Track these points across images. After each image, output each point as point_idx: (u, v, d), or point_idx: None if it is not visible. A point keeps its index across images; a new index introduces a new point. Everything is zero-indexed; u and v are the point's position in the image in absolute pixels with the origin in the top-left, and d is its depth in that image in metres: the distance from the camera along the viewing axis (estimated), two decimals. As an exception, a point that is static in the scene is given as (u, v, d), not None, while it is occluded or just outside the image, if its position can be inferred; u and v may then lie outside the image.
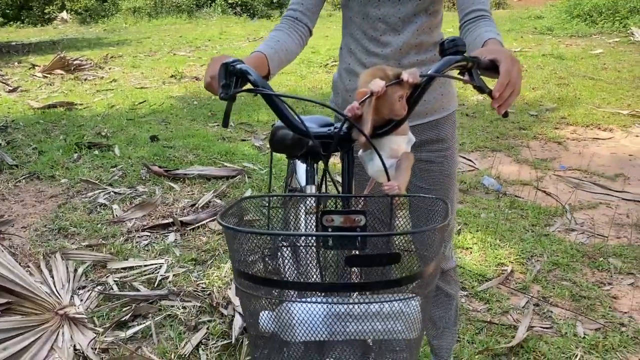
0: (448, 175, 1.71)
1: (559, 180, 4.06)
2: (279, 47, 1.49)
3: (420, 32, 1.56)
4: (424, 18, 1.55)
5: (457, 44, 1.11)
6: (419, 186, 1.73)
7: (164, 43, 12.59)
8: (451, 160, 1.70)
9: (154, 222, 3.39)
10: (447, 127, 1.69)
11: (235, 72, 1.18)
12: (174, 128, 5.47)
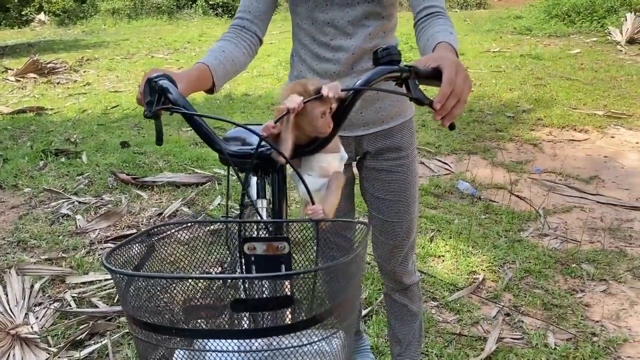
0: (407, 185, 1.64)
1: (533, 183, 4.02)
2: (224, 57, 1.41)
3: (373, 37, 1.48)
4: (376, 22, 1.48)
5: (391, 52, 1.02)
6: (377, 197, 1.66)
7: (142, 45, 12.42)
8: (410, 169, 1.63)
9: (118, 232, 3.28)
10: (404, 134, 1.62)
11: (157, 89, 1.10)
12: (146, 133, 5.35)
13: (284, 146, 1.00)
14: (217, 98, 6.67)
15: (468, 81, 1.05)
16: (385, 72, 1.01)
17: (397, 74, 1.02)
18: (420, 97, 1.03)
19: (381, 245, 1.71)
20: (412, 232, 1.69)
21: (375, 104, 1.55)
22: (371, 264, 2.90)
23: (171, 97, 1.08)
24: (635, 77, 6.90)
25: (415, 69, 1.03)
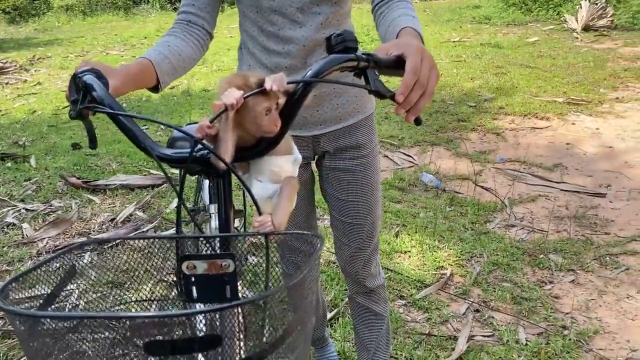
0: (369, 185, 1.53)
1: (497, 173, 3.98)
2: (169, 52, 1.27)
3: (325, 25, 1.35)
4: (327, 8, 1.34)
5: (346, 38, 0.89)
6: (338, 198, 1.55)
7: (97, 42, 12.00)
8: (371, 168, 1.51)
9: (68, 241, 3.09)
10: (364, 132, 1.50)
11: (80, 85, 0.96)
12: (99, 133, 5.11)
13: (222, 149, 0.87)
14: (175, 94, 6.45)
15: (435, 70, 0.95)
16: (339, 61, 0.89)
17: (354, 63, 0.90)
18: (381, 90, 0.92)
19: (343, 248, 1.60)
20: (375, 234, 1.59)
21: (333, 100, 1.43)
22: (336, 264, 2.80)
23: (95, 94, 0.94)
24: (592, 64, 6.97)
25: (374, 58, 0.92)
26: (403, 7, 1.25)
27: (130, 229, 3.15)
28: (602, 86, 5.96)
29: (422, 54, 0.94)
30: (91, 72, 1.00)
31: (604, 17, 9.71)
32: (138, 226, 3.18)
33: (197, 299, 0.90)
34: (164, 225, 3.24)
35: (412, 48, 0.94)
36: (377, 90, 0.91)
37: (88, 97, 0.95)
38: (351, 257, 1.59)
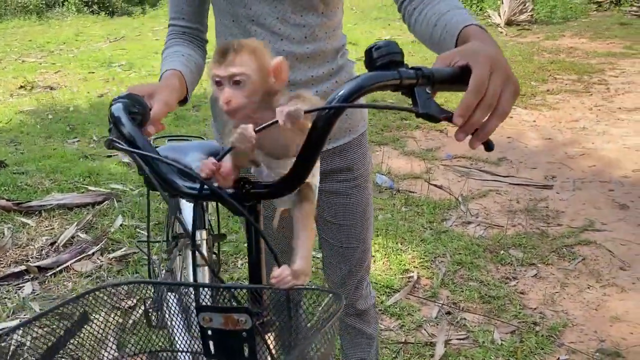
0: (361, 208, 1.42)
1: (447, 170, 4.02)
2: (187, 62, 1.18)
3: (313, 38, 1.21)
4: (313, 19, 1.19)
5: (390, 51, 0.75)
6: (329, 221, 1.44)
7: (10, 49, 11.24)
8: (363, 190, 1.41)
9: (3, 270, 2.81)
10: (355, 152, 1.37)
11: (109, 116, 0.87)
12: (25, 149, 4.74)
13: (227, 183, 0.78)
14: (105, 103, 6.10)
15: (510, 85, 0.77)
16: (379, 80, 0.75)
17: (396, 82, 0.74)
18: (432, 112, 0.76)
19: (334, 270, 1.51)
20: (368, 257, 1.51)
21: None
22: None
23: (124, 130, 0.85)
24: (520, 57, 7.24)
25: (424, 73, 0.76)
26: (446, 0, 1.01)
27: (74, 253, 2.91)
28: (533, 79, 6.18)
29: (493, 63, 0.76)
30: (124, 100, 0.90)
31: (524, 12, 10.13)
32: (83, 249, 2.94)
33: (214, 354, 0.78)
34: (110, 246, 3.02)
35: (479, 56, 0.77)
36: (426, 112, 0.76)
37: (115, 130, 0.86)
38: (342, 280, 1.50)
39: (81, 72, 8.10)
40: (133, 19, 16.51)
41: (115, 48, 10.05)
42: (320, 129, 0.75)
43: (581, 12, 11.46)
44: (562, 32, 9.55)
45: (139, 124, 0.89)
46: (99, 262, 2.88)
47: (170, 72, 1.10)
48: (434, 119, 0.77)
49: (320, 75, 1.25)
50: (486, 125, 0.77)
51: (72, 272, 2.81)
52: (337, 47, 1.29)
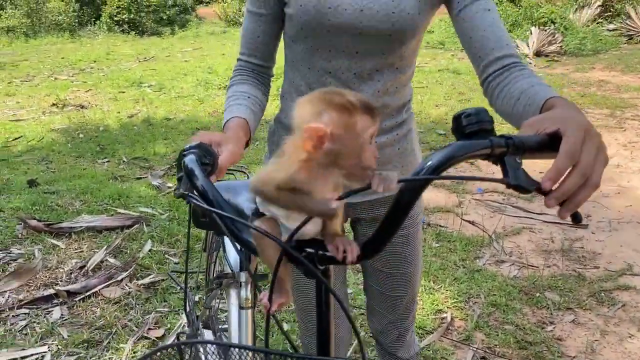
0: (411, 257, 1.37)
1: (478, 204, 3.95)
2: (252, 104, 1.21)
3: (383, 93, 1.19)
4: (388, 75, 1.18)
5: (481, 119, 0.73)
6: (375, 268, 1.40)
7: (43, 66, 11.50)
8: (414, 239, 1.37)
9: (33, 294, 2.81)
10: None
11: (182, 167, 0.87)
12: (56, 168, 4.80)
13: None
14: (135, 123, 6.18)
15: (602, 154, 0.73)
16: (470, 150, 0.72)
17: (487, 151, 0.71)
18: (523, 183, 0.71)
19: (378, 317, 1.47)
20: (414, 306, 1.46)
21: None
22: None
23: (197, 183, 0.84)
24: (550, 90, 7.15)
25: (515, 141, 0.72)
26: (529, 75, 1.02)
27: (103, 278, 2.90)
28: (564, 112, 6.09)
29: (587, 131, 0.73)
30: (196, 151, 0.89)
31: (553, 43, 10.07)
32: (112, 274, 2.94)
33: None
34: (139, 272, 3.01)
35: (572, 122, 0.74)
36: (518, 184, 0.71)
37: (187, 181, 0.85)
38: (386, 327, 1.46)
39: (111, 91, 8.23)
40: (162, 39, 16.81)
41: (145, 68, 10.21)
42: (406, 198, 0.72)
43: (612, 45, 11.35)
44: (593, 64, 9.45)
45: (208, 173, 0.88)
46: (127, 288, 2.87)
47: (236, 121, 1.10)
48: (526, 190, 0.72)
49: (382, 127, 1.23)
50: (577, 194, 0.72)
51: (101, 297, 2.80)
52: (404, 102, 1.28)
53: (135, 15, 18.36)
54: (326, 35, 1.14)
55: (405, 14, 1.10)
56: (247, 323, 0.98)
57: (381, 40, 1.13)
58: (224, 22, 19.16)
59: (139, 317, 2.62)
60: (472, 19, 1.08)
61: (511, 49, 1.08)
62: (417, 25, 1.13)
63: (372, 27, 1.11)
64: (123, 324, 2.57)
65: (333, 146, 0.69)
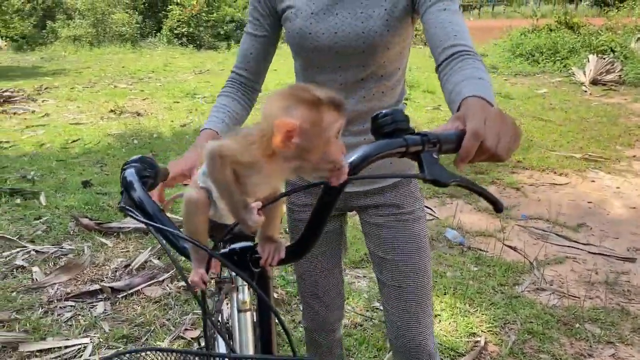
0: (410, 242, 1.43)
1: (521, 231, 3.88)
2: (229, 118, 1.37)
3: (369, 99, 1.34)
4: (371, 82, 1.33)
5: (395, 119, 0.79)
6: (377, 255, 1.48)
7: (104, 74, 12.03)
8: (410, 226, 1.43)
9: (80, 288, 2.94)
10: (403, 192, 1.42)
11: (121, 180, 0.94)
12: (110, 171, 5.01)
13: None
14: (187, 133, 6.38)
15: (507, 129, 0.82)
16: (386, 149, 0.78)
17: (402, 149, 0.78)
18: (439, 177, 0.78)
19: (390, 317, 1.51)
20: (425, 307, 1.48)
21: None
22: (363, 325, 2.67)
23: (132, 194, 0.92)
24: (605, 119, 6.98)
25: (430, 138, 0.79)
26: (469, 66, 1.09)
27: (146, 277, 3.01)
28: (618, 143, 5.93)
29: (487, 112, 0.83)
30: (137, 165, 0.96)
31: (612, 71, 9.81)
32: (154, 274, 3.04)
33: None
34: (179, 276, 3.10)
35: (472, 110, 0.85)
36: (434, 178, 0.78)
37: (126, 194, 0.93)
38: (400, 330, 1.49)
39: (167, 101, 8.53)
40: (218, 53, 17.31)
41: (199, 80, 10.54)
42: (328, 199, 0.81)
43: (673, 76, 10.95)
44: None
45: (150, 186, 0.96)
46: (168, 289, 2.96)
47: (207, 132, 1.30)
48: (442, 184, 0.78)
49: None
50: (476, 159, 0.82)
51: (142, 296, 2.90)
52: (393, 103, 1.39)
53: (194, 29, 18.99)
54: (311, 54, 1.32)
55: (373, 32, 1.24)
56: (247, 326, 1.04)
57: (357, 56, 1.28)
58: (279, 39, 19.54)
59: (177, 318, 2.71)
60: (429, 19, 1.17)
61: (461, 39, 1.13)
62: (388, 41, 1.26)
63: (346, 47, 1.27)
64: (161, 322, 2.66)
65: (300, 141, 0.71)
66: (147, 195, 0.92)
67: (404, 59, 1.38)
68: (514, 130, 0.84)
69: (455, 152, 0.83)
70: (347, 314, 2.74)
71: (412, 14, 1.26)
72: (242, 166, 0.76)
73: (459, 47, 1.12)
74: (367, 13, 1.25)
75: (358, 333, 2.59)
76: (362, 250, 3.41)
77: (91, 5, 19.00)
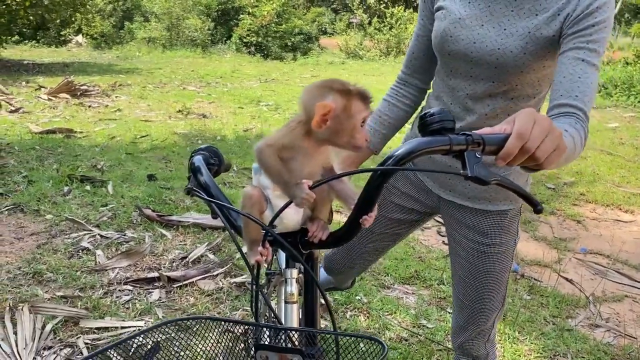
0: (484, 276, 1.45)
1: (579, 264, 3.77)
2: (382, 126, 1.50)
3: (491, 117, 1.32)
4: (499, 101, 1.30)
5: (443, 118, 0.82)
6: (455, 261, 1.55)
7: (175, 75, 12.51)
8: (488, 259, 1.44)
9: (138, 274, 3.08)
10: (492, 223, 1.41)
11: (190, 166, 1.06)
12: (174, 167, 5.21)
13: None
14: (249, 137, 6.55)
15: (554, 138, 0.84)
16: (429, 145, 0.82)
17: (446, 147, 0.81)
18: (481, 175, 0.81)
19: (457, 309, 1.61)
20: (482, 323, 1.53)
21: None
22: (408, 341, 2.66)
23: (201, 179, 1.03)
24: (678, 158, 6.67)
25: (474, 138, 0.82)
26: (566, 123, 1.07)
27: (201, 270, 3.11)
28: (690, 184, 5.66)
29: (535, 117, 0.83)
30: (204, 152, 1.09)
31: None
32: (209, 268, 3.14)
33: None
34: (233, 270, 3.19)
35: (521, 114, 0.86)
36: (475, 175, 0.81)
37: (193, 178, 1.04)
38: (456, 330, 1.62)
39: (232, 105, 8.78)
40: (284, 63, 17.65)
41: (265, 88, 10.78)
42: (374, 185, 0.86)
43: None
44: None
45: (214, 173, 1.06)
46: (220, 283, 3.05)
47: None
48: (483, 182, 0.81)
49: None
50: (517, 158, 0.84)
51: (196, 288, 3.01)
52: None
53: (263, 39, 19.45)
54: (447, 57, 1.34)
55: (508, 52, 1.23)
56: (293, 317, 1.10)
57: (489, 70, 1.27)
58: (344, 54, 19.77)
59: (227, 312, 2.79)
60: (563, 63, 1.14)
61: (580, 102, 1.10)
62: (523, 64, 1.22)
63: (480, 58, 1.27)
64: (212, 314, 2.74)
65: (332, 124, 0.84)
66: (212, 180, 1.02)
67: (543, 89, 1.33)
68: (560, 142, 0.86)
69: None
70: (393, 328, 2.74)
71: (557, 46, 1.21)
72: (285, 150, 0.89)
73: (573, 109, 1.11)
74: (510, 31, 1.23)
75: (403, 347, 2.59)
76: (412, 267, 3.41)
77: (167, 9, 19.81)
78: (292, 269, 1.56)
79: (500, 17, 1.24)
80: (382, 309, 2.91)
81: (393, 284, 3.23)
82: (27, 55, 15.78)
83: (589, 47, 1.12)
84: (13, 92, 8.75)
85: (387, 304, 2.96)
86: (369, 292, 3.07)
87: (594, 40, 1.12)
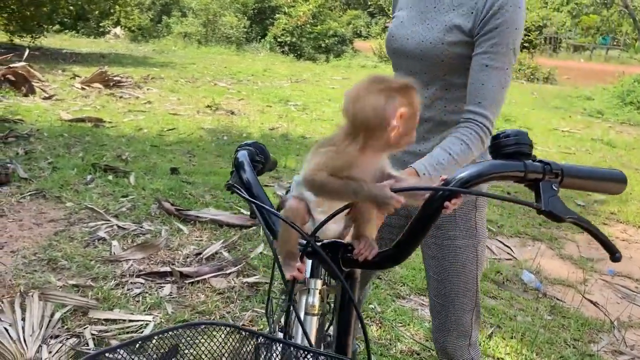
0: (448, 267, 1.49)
1: (605, 286, 3.62)
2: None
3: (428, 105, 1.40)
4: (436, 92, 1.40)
5: (520, 141, 0.74)
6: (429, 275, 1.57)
7: (207, 71, 12.60)
8: (449, 252, 1.47)
9: (152, 267, 3.06)
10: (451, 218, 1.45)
11: (234, 161, 1.00)
12: (197, 162, 5.21)
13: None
14: (274, 136, 6.52)
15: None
16: (504, 169, 0.74)
17: (520, 174, 0.73)
18: (555, 210, 0.72)
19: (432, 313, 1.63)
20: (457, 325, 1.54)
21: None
22: (421, 354, 2.58)
23: (244, 176, 0.97)
24: None
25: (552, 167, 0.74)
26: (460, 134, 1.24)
27: (214, 268, 3.08)
28: None
29: None
30: (250, 148, 1.02)
31: None
32: (222, 266, 3.11)
33: None
34: (246, 270, 3.15)
35: None
36: (550, 211, 0.73)
37: (236, 174, 0.97)
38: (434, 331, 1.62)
39: (260, 104, 8.78)
40: (316, 65, 17.64)
41: (294, 88, 10.77)
42: (434, 207, 0.76)
43: None
44: None
45: (259, 171, 0.99)
46: (233, 282, 3.01)
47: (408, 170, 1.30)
48: (558, 218, 0.73)
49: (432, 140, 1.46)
50: None
51: (208, 285, 2.97)
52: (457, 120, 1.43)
53: (297, 39, 19.49)
54: (392, 55, 1.48)
55: (428, 43, 1.35)
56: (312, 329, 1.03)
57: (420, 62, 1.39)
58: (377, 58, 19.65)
59: (237, 312, 2.74)
60: (472, 68, 1.27)
61: (481, 108, 1.24)
62: (442, 53, 1.33)
63: (411, 52, 1.40)
64: (221, 314, 2.70)
65: (402, 127, 0.75)
66: (255, 178, 0.95)
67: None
68: None
69: (584, 190, 0.80)
70: (405, 340, 2.66)
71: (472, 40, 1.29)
72: (339, 170, 0.79)
73: (473, 115, 1.25)
74: (431, 25, 1.36)
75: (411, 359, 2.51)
76: (430, 277, 3.31)
77: (205, 5, 20.00)
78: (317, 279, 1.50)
79: (427, 15, 1.38)
80: (395, 319, 2.83)
81: (409, 294, 3.14)
82: (67, 44, 16.09)
83: (493, 51, 1.23)
84: (49, 80, 8.91)
85: (401, 314, 2.88)
86: (383, 301, 2.99)
87: (497, 43, 1.23)
